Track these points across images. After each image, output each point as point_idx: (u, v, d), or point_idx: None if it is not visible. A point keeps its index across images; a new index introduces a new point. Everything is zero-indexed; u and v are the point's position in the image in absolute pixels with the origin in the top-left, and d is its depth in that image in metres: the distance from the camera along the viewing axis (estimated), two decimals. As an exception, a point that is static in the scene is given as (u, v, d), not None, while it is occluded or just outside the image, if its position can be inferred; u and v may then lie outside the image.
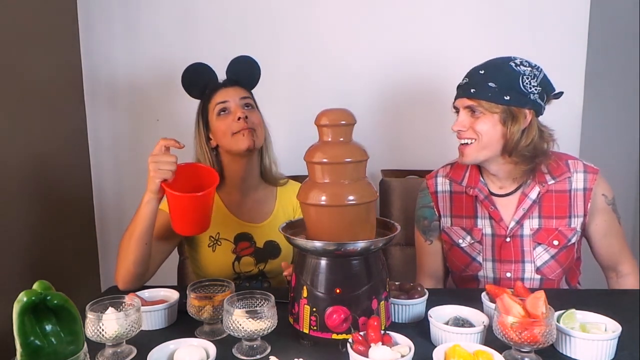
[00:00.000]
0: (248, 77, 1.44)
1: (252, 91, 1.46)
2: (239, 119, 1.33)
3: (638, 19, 2.20)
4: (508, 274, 1.31)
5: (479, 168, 1.36)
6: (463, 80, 1.28)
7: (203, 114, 1.41)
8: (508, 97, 1.20)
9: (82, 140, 2.07)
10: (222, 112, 1.36)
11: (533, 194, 1.30)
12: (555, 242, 1.29)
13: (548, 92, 1.27)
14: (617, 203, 1.34)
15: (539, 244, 1.29)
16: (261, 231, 1.44)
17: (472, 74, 1.27)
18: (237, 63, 1.43)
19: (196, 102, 1.43)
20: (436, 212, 1.40)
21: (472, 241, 1.35)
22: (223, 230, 1.42)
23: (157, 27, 1.99)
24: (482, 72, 1.24)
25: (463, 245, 1.36)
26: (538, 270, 1.30)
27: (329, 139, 0.96)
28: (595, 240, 1.34)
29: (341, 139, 0.96)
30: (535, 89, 1.23)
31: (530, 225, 1.30)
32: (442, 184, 1.40)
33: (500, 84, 1.21)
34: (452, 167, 1.40)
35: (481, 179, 1.35)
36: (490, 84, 1.21)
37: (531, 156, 1.25)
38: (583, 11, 1.88)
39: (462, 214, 1.37)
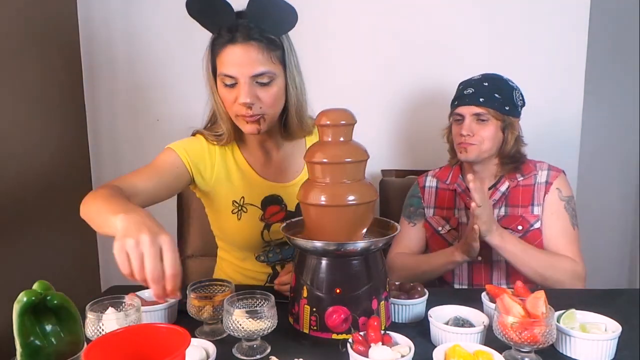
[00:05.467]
0: (274, 20, 1.09)
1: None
2: (241, 104, 1.11)
3: (638, 19, 2.20)
4: (479, 258, 1.43)
5: (461, 169, 1.54)
6: (466, 90, 1.42)
7: (212, 60, 1.15)
8: (508, 108, 1.40)
9: (82, 140, 2.07)
10: (229, 85, 1.12)
11: (503, 188, 1.46)
12: (520, 227, 1.42)
13: (523, 105, 1.47)
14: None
15: (505, 228, 1.39)
16: (292, 191, 1.25)
17: (476, 85, 1.41)
18: (258, 2, 1.08)
19: (196, 103, 1.40)
20: (422, 203, 1.57)
21: (450, 228, 1.51)
22: (248, 194, 1.25)
23: (157, 26, 1.99)
24: (487, 84, 1.40)
25: (442, 232, 1.51)
26: None
27: (329, 139, 0.96)
28: (543, 231, 1.42)
29: (341, 139, 0.96)
30: (520, 102, 1.45)
31: (499, 213, 1.45)
32: (430, 181, 1.58)
33: (503, 96, 1.39)
34: (441, 170, 1.60)
35: (460, 176, 1.53)
36: (496, 94, 1.39)
37: (517, 158, 1.44)
38: (583, 11, 1.88)
39: (443, 205, 1.54)
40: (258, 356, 0.93)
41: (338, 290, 0.94)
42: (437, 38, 1.93)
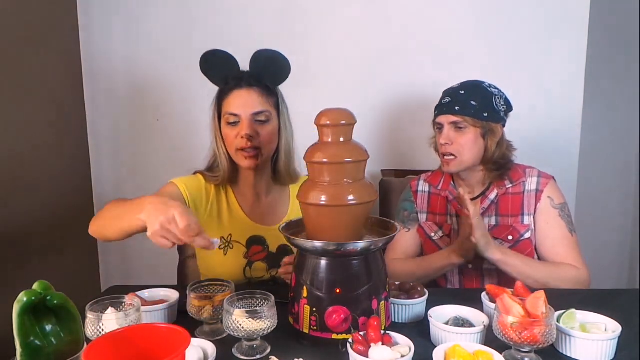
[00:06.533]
0: (272, 74, 1.32)
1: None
2: (243, 136, 1.28)
3: (638, 19, 2.20)
4: (470, 266, 1.44)
5: (452, 176, 1.53)
6: (444, 100, 1.44)
7: (218, 106, 1.35)
8: (486, 114, 1.39)
9: (82, 140, 2.07)
10: (231, 123, 1.31)
11: (492, 195, 1.45)
12: (510, 237, 1.42)
13: (509, 110, 1.45)
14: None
15: (495, 238, 1.40)
16: (275, 234, 1.34)
17: (453, 94, 1.42)
18: (260, 58, 1.31)
19: (197, 103, 1.41)
20: (415, 207, 1.56)
21: (442, 235, 1.51)
22: (236, 233, 1.38)
23: (158, 26, 1.99)
24: (463, 92, 1.41)
25: (435, 238, 1.51)
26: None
27: (329, 139, 0.96)
28: (537, 241, 1.41)
29: (341, 139, 0.96)
30: (503, 107, 1.43)
31: (489, 222, 1.45)
32: (423, 186, 1.58)
33: (479, 103, 1.39)
34: (432, 174, 1.59)
35: (452, 182, 1.53)
36: (472, 102, 1.39)
37: (502, 164, 1.43)
38: (583, 11, 1.88)
39: (436, 211, 1.54)
40: (258, 356, 0.93)
41: (338, 290, 0.94)
42: (437, 39, 1.93)
